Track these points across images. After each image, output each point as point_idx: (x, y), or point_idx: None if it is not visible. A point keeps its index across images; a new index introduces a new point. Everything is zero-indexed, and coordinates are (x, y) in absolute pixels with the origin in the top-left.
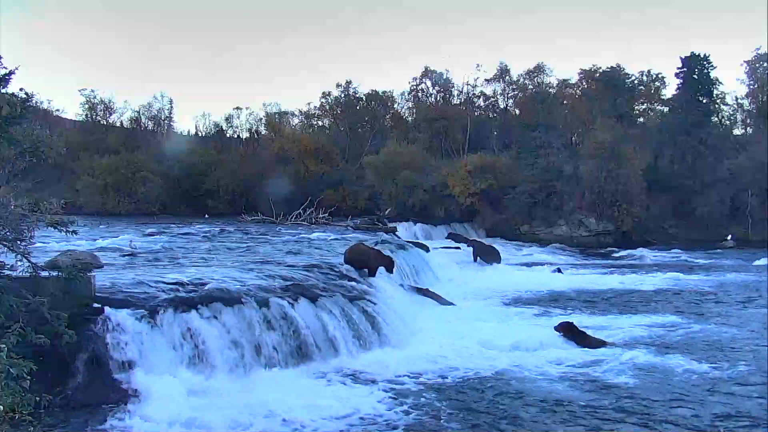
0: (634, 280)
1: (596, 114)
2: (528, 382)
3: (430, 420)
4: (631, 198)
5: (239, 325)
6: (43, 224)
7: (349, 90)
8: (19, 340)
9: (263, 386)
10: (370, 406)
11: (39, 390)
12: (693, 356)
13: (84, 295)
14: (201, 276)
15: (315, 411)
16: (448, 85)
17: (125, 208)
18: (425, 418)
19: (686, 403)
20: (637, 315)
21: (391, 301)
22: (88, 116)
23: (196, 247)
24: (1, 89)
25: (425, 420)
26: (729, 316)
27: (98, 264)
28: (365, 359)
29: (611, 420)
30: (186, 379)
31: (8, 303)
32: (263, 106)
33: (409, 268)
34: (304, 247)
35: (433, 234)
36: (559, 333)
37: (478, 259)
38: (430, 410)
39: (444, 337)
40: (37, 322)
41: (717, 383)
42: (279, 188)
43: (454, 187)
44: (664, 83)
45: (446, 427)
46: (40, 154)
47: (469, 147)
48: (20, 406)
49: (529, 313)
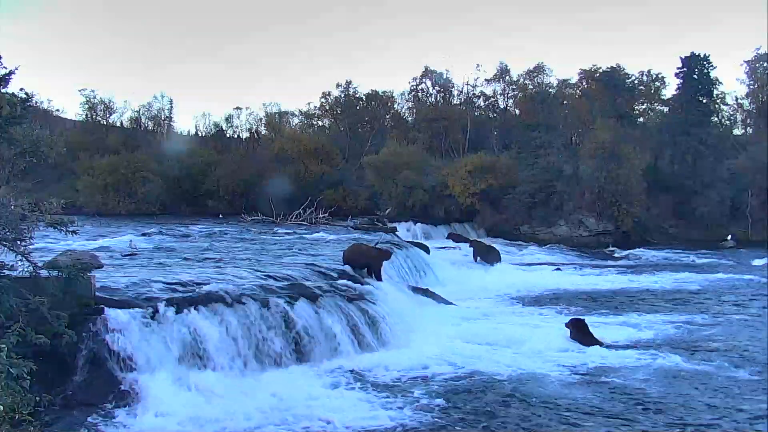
0: (633, 280)
1: (596, 114)
2: (530, 382)
3: (431, 420)
4: (631, 198)
5: (239, 325)
6: (43, 224)
7: (349, 90)
8: (19, 340)
9: (263, 386)
10: (370, 406)
11: (39, 390)
12: (693, 357)
13: (84, 295)
14: (201, 276)
15: (315, 411)
16: (448, 85)
17: (125, 208)
18: (426, 419)
19: (686, 403)
20: (636, 315)
21: (391, 301)
22: (88, 116)
23: (196, 247)
24: (1, 89)
25: (426, 420)
26: (729, 316)
27: (98, 264)
28: (365, 359)
29: (612, 421)
30: (186, 379)
31: (8, 303)
32: (263, 106)
33: (409, 268)
34: (304, 247)
35: (433, 234)
36: (569, 329)
37: (478, 259)
38: (431, 410)
39: (444, 338)
40: (37, 322)
41: (716, 384)
42: (279, 188)
43: (454, 187)
44: (664, 83)
45: (447, 428)
46: (40, 154)
47: (469, 147)
48: (20, 406)
49: (529, 313)
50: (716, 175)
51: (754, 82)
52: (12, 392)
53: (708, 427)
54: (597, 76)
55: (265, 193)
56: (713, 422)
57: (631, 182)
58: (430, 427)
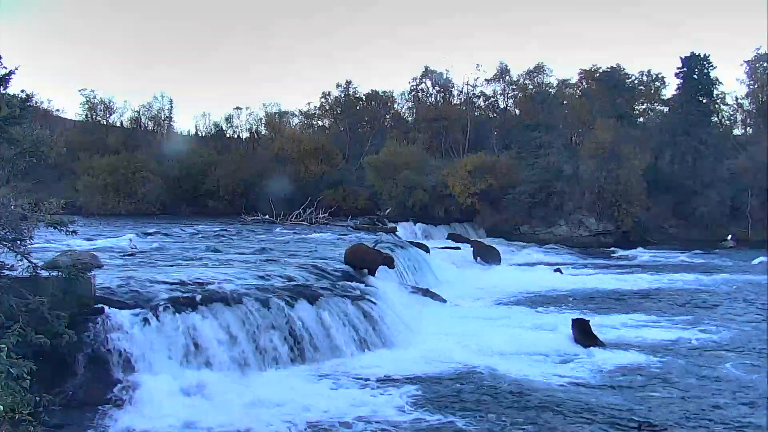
0: (633, 280)
1: (596, 114)
2: (530, 382)
3: (432, 420)
4: (631, 198)
5: (239, 325)
6: (43, 224)
7: (349, 90)
8: (19, 340)
9: (263, 386)
10: (370, 406)
11: (39, 390)
12: (693, 357)
13: (84, 295)
14: (201, 276)
15: (314, 411)
16: (448, 85)
17: (125, 208)
18: (426, 419)
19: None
20: (637, 315)
21: (391, 302)
22: (88, 116)
23: (196, 247)
24: (1, 89)
25: (427, 420)
26: (730, 316)
27: (98, 264)
28: (365, 359)
29: (612, 421)
30: (186, 379)
31: (8, 303)
32: (263, 106)
33: (409, 269)
34: (304, 247)
35: (433, 234)
36: (571, 329)
37: (478, 259)
38: (432, 410)
39: (444, 338)
40: (37, 322)
41: (717, 384)
42: (279, 188)
43: (454, 187)
44: (664, 83)
45: (448, 427)
46: (40, 154)
47: (469, 147)
48: (20, 406)
49: (529, 313)
50: (716, 175)
51: (754, 82)
52: (12, 392)
53: (709, 426)
54: (597, 76)
55: (265, 193)
56: (713, 422)
57: (631, 182)
58: (430, 427)
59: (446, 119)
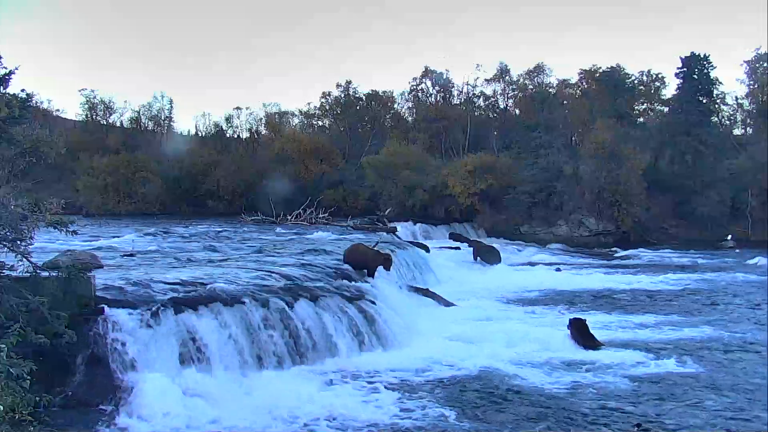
0: (634, 280)
1: (596, 114)
2: (530, 382)
3: (431, 420)
4: (631, 198)
5: (239, 325)
6: (43, 224)
7: (349, 90)
8: (19, 340)
9: (263, 386)
10: (370, 406)
11: (39, 390)
12: (693, 357)
13: (84, 295)
14: (201, 276)
15: (314, 411)
16: (448, 85)
17: (125, 208)
18: (426, 419)
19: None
20: (637, 315)
21: (391, 302)
22: (88, 116)
23: (196, 247)
24: (1, 89)
25: (426, 420)
26: (730, 316)
27: (98, 264)
28: (365, 359)
29: (612, 421)
30: (186, 379)
31: (8, 303)
32: (263, 106)
33: (409, 269)
34: (304, 248)
35: (433, 234)
36: (569, 329)
37: (478, 259)
38: (432, 410)
39: (444, 338)
40: (37, 322)
41: (717, 384)
42: (279, 188)
43: (454, 187)
44: (664, 83)
45: (448, 428)
46: (40, 154)
47: (469, 147)
48: (20, 406)
49: (529, 313)
50: (716, 175)
51: (754, 82)
52: (12, 392)
53: (707, 427)
54: (597, 76)
55: (265, 193)
56: (713, 422)
57: (631, 182)
58: (430, 427)
59: (446, 119)
